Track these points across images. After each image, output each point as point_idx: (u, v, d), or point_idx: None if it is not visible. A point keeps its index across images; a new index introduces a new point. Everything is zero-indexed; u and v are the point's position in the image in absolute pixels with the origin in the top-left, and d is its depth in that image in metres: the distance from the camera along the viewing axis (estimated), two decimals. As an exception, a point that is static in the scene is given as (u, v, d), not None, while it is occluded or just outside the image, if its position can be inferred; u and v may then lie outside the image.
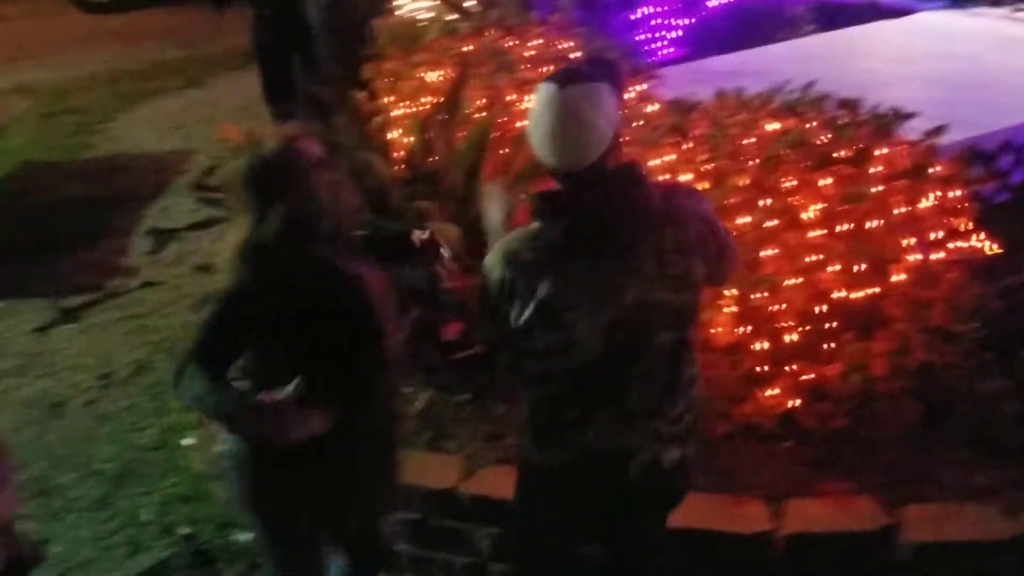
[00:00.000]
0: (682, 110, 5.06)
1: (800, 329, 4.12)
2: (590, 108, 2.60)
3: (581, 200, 2.64)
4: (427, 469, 4.04)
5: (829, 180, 4.24)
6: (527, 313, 2.72)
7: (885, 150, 4.38)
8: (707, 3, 9.03)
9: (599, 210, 2.64)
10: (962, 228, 4.34)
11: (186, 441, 5.05)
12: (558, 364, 2.79)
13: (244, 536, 4.26)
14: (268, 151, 2.91)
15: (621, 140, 2.73)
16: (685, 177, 4.52)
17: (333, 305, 2.91)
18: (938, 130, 4.54)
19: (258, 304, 2.85)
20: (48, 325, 6.37)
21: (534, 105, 2.69)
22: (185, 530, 4.51)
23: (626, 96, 5.67)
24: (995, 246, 4.39)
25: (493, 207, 3.12)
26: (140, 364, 5.85)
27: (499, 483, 3.88)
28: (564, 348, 2.74)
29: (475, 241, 4.52)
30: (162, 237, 7.45)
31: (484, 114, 5.08)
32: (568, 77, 2.67)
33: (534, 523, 3.12)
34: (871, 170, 4.30)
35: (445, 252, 3.35)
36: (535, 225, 2.72)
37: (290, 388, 2.80)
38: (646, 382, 2.81)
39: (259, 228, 2.85)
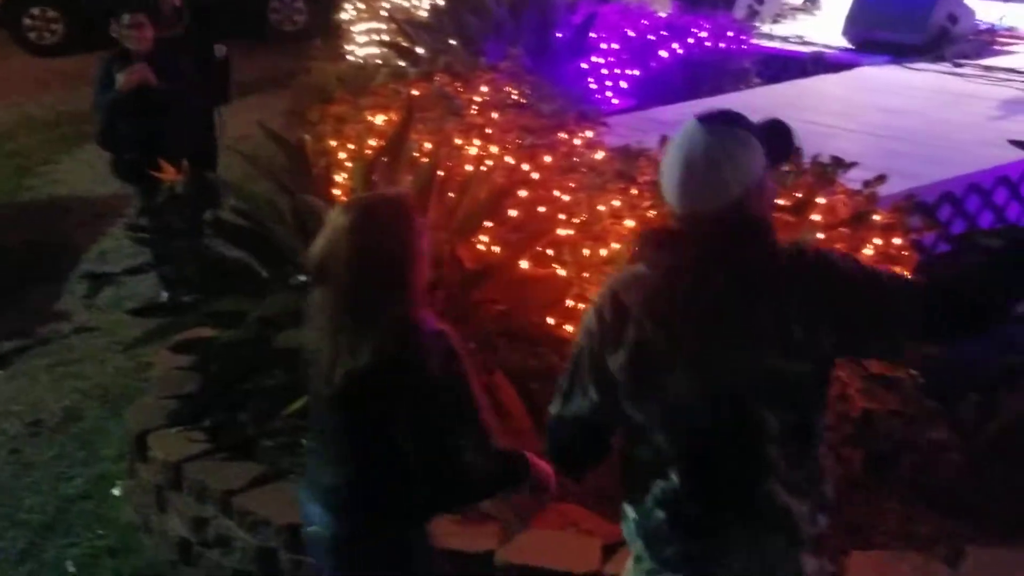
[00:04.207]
0: (629, 157, 5.07)
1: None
2: (721, 151, 2.36)
3: (693, 246, 2.39)
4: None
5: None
6: (621, 358, 2.45)
7: (824, 200, 4.41)
8: (656, 54, 9.12)
9: (706, 258, 2.38)
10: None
11: (115, 491, 4.92)
12: (663, 439, 2.45)
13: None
14: None
15: (761, 199, 2.44)
16: (629, 223, 4.51)
17: None
18: (878, 179, 4.59)
19: None
20: (-24, 371, 6.21)
21: (673, 138, 2.49)
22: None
23: (577, 143, 5.74)
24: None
25: None
26: (70, 411, 5.70)
27: (439, 532, 3.75)
28: (665, 417, 2.44)
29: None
30: (98, 281, 7.31)
31: (430, 158, 5.05)
32: (713, 117, 2.44)
33: None
34: (812, 217, 4.31)
35: None
36: (640, 266, 2.51)
37: None
38: (769, 472, 2.41)
39: None
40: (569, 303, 4.53)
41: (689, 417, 2.41)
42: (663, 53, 9.16)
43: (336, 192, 5.04)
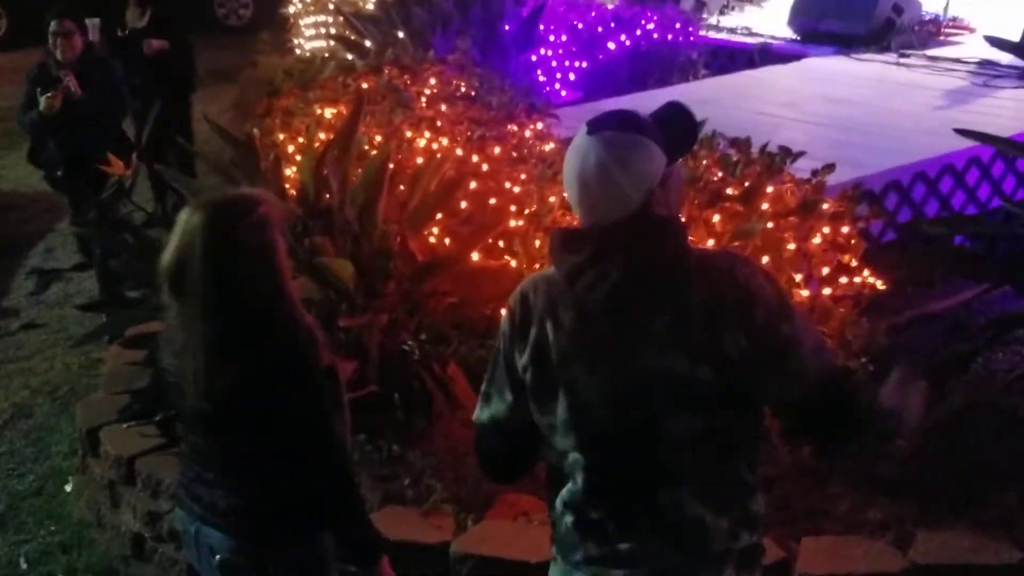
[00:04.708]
0: (577, 148, 5.07)
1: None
2: (614, 162, 2.24)
3: (594, 245, 2.29)
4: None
5: (719, 217, 4.29)
6: (524, 358, 2.40)
7: (772, 189, 4.45)
8: (604, 47, 9.15)
9: (606, 256, 2.28)
10: (850, 264, 4.42)
11: (67, 487, 4.87)
12: (568, 441, 2.38)
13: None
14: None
15: (667, 198, 2.34)
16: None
17: None
18: (827, 168, 4.64)
19: None
20: (-77, 369, 6.11)
21: (569, 146, 2.38)
22: (65, 580, 4.33)
23: (527, 135, 5.75)
24: (881, 283, 4.48)
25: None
26: (19, 408, 5.62)
27: (394, 524, 3.81)
28: (567, 419, 2.36)
29: (367, 279, 4.48)
30: (46, 278, 7.22)
31: (380, 150, 5.04)
32: (603, 123, 2.30)
33: None
34: (761, 207, 4.35)
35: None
36: (549, 268, 2.43)
37: None
38: (678, 480, 2.33)
39: None
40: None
41: (589, 418, 2.34)
42: (611, 45, 9.20)
43: (286, 186, 5.02)
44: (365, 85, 6.39)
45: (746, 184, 4.45)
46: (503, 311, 2.55)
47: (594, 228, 2.30)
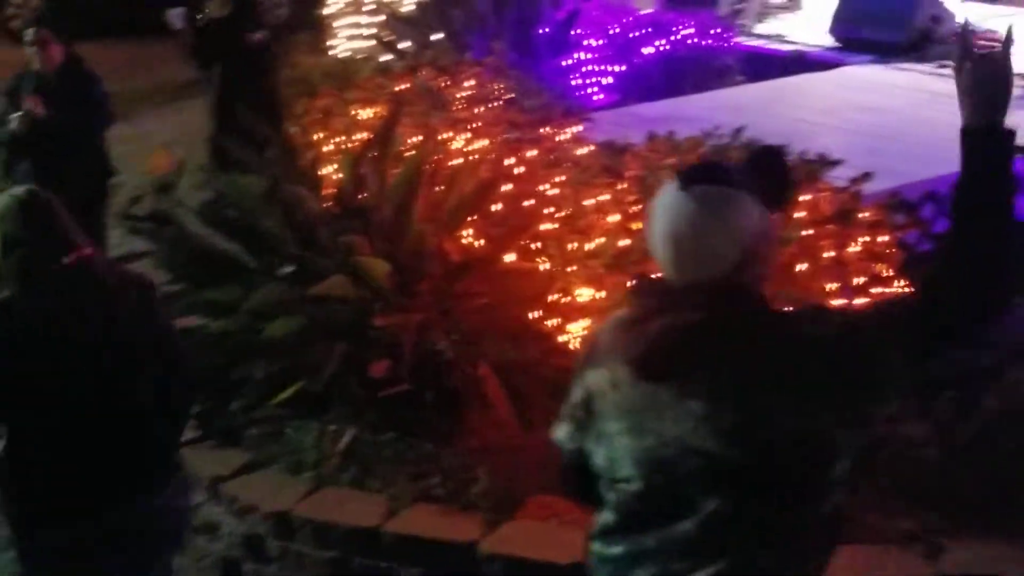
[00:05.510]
0: (614, 152, 5.10)
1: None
2: (708, 220, 2.08)
3: (651, 300, 2.17)
4: (350, 507, 3.99)
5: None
6: (577, 396, 2.30)
7: (809, 197, 4.45)
8: (639, 51, 9.15)
9: (653, 315, 2.13)
10: (884, 274, 4.41)
11: None
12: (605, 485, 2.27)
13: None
14: None
15: (766, 254, 2.16)
16: (613, 218, 4.55)
17: None
18: (864, 177, 4.63)
19: None
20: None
21: (654, 202, 2.21)
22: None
23: (562, 138, 5.76)
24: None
25: None
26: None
27: (423, 521, 3.85)
28: (606, 467, 2.24)
29: (402, 278, 4.52)
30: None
31: (416, 151, 5.08)
32: (694, 177, 2.13)
33: None
34: (796, 215, 4.35)
35: None
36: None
37: None
38: (694, 554, 2.14)
39: None
40: (553, 297, 4.56)
41: (619, 475, 2.21)
42: (647, 50, 9.19)
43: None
44: (402, 86, 6.43)
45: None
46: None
47: (665, 283, 2.16)
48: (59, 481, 3.00)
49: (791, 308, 2.24)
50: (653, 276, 2.25)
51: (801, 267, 4.24)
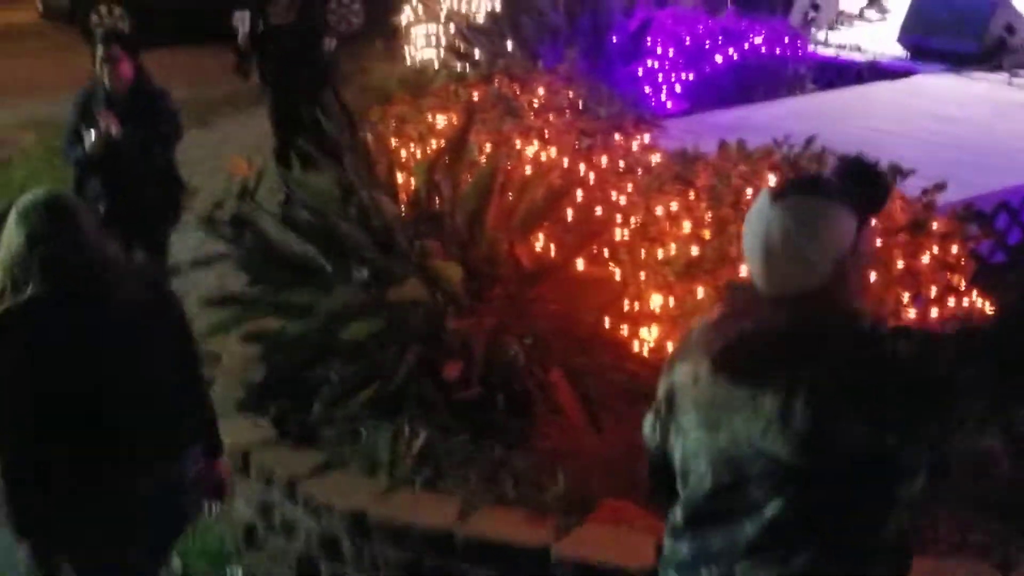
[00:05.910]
0: (686, 160, 5.13)
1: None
2: (802, 232, 2.10)
3: (737, 304, 2.23)
4: (423, 509, 4.04)
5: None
6: (662, 391, 2.37)
7: (884, 206, 4.44)
8: (711, 59, 9.16)
9: (733, 317, 2.20)
10: (959, 285, 4.39)
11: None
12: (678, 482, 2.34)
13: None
14: None
15: (856, 263, 2.17)
16: (685, 225, 4.58)
17: None
18: (938, 187, 4.61)
19: None
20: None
21: (748, 214, 2.24)
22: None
23: (633, 146, 5.80)
24: (990, 306, 4.44)
25: None
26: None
27: (496, 524, 3.88)
28: (681, 462, 2.32)
29: (475, 283, 4.59)
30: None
31: (490, 159, 5.15)
32: (787, 190, 2.17)
33: None
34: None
35: None
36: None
37: None
38: (756, 557, 2.19)
39: None
40: (624, 304, 4.60)
41: (692, 470, 2.27)
42: (718, 58, 9.19)
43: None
44: (475, 94, 6.51)
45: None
46: None
47: (752, 291, 2.20)
48: (80, 460, 3.14)
49: (877, 324, 2.23)
50: (736, 282, 2.35)
51: (871, 278, 4.23)
